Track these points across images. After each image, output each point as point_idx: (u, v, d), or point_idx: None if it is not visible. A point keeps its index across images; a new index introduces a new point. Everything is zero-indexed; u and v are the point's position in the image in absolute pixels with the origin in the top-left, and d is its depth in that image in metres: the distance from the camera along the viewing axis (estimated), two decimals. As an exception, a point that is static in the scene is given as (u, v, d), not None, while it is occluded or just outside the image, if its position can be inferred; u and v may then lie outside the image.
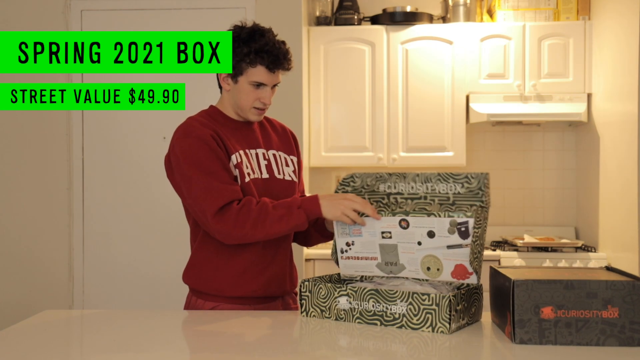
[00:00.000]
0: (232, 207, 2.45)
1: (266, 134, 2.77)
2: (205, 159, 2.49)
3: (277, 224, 2.45)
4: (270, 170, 2.68)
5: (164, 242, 4.57)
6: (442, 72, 4.91)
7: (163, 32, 2.93)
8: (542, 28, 4.89)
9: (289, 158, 2.78)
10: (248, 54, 2.55)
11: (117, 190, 4.63)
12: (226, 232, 2.45)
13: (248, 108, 2.62)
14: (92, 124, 4.62)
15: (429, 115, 4.92)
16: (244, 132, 2.68)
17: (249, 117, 2.65)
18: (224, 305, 2.59)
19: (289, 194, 2.71)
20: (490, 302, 2.29)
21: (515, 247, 4.76)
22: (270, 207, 2.46)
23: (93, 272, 4.64)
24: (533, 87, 4.85)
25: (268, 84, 2.59)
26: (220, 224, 2.45)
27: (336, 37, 4.96)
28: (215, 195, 2.45)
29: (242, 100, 2.61)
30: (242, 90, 2.61)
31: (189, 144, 2.51)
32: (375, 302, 2.23)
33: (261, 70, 2.57)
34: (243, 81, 2.59)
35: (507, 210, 5.29)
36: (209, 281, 2.61)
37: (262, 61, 2.55)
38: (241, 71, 2.58)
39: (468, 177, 2.40)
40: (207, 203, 2.45)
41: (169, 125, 2.78)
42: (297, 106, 4.56)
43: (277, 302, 2.69)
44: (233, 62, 2.58)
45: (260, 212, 2.44)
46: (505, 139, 5.33)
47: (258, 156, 2.67)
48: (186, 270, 2.68)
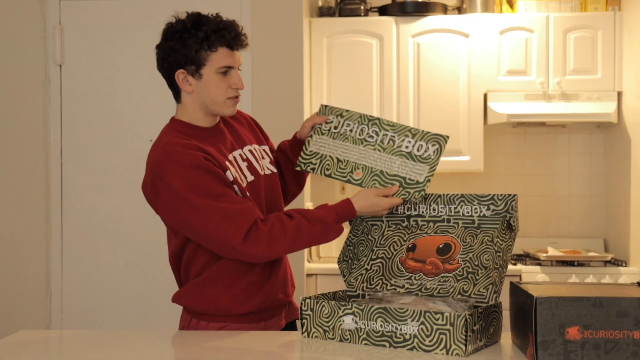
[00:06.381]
0: (259, 228, 2.50)
1: (233, 130, 2.76)
2: (209, 185, 2.49)
3: (316, 240, 2.58)
4: (253, 169, 2.70)
5: (152, 254, 4.56)
6: (457, 68, 4.91)
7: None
8: (568, 20, 4.89)
9: (261, 149, 2.81)
10: (205, 38, 2.54)
11: (100, 197, 4.63)
12: (260, 254, 2.51)
13: (222, 100, 2.61)
14: (71, 124, 4.62)
15: (442, 115, 4.92)
16: (219, 138, 2.68)
17: (225, 111, 2.63)
18: (231, 325, 2.63)
19: (275, 188, 2.77)
20: (510, 321, 2.29)
21: (538, 261, 4.75)
22: (306, 223, 2.54)
23: (73, 288, 4.63)
24: (557, 84, 4.85)
25: (235, 66, 2.60)
26: (252, 248, 2.49)
27: (340, 30, 4.97)
28: (237, 220, 2.48)
29: (212, 94, 2.60)
30: (209, 82, 2.59)
31: (186, 175, 2.49)
32: (383, 322, 2.24)
33: (224, 52, 2.57)
34: (208, 72, 2.58)
35: (529, 220, 5.29)
36: (214, 301, 2.63)
37: (222, 40, 2.55)
38: (203, 61, 2.57)
39: (494, 198, 2.45)
40: (230, 231, 2.47)
41: (156, 127, 2.78)
42: (298, 106, 4.55)
43: (282, 312, 2.75)
44: (190, 55, 2.56)
45: (297, 230, 2.52)
46: (526, 141, 5.33)
47: (237, 160, 2.68)
48: (182, 292, 2.69)
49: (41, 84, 4.59)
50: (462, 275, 2.42)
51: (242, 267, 2.62)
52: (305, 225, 2.53)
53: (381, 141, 2.73)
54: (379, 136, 2.74)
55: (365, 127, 2.78)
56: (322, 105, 2.88)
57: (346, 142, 2.78)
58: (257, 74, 4.53)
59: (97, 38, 4.61)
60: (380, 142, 2.73)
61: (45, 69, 4.60)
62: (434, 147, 2.64)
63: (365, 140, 2.75)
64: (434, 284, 2.45)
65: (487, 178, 5.24)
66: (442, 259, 2.50)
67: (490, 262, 2.40)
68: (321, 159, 2.80)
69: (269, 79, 4.55)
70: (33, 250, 4.64)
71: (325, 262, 4.83)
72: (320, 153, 2.81)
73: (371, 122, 2.78)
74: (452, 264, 2.47)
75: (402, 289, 2.49)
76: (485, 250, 2.43)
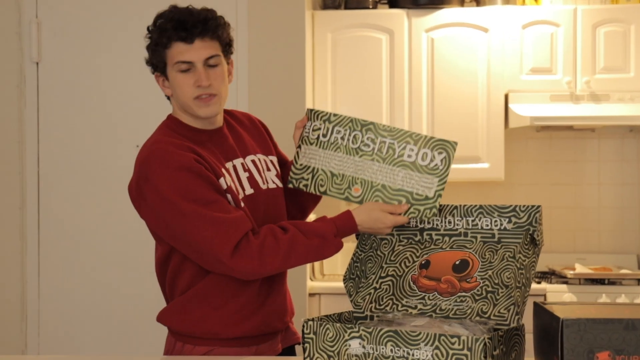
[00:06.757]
0: (250, 241, 2.49)
1: (237, 135, 2.77)
2: (199, 190, 2.50)
3: (312, 255, 2.57)
4: (254, 182, 2.70)
5: (139, 272, 4.54)
6: (475, 66, 4.93)
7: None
8: (598, 13, 4.90)
9: (268, 160, 2.81)
10: (160, 35, 2.56)
11: (82, 209, 4.61)
12: (250, 270, 2.50)
13: (190, 101, 2.59)
14: (50, 128, 4.59)
15: (459, 118, 4.93)
16: (218, 142, 2.69)
17: (198, 113, 2.61)
18: (219, 350, 2.62)
19: (278, 204, 2.76)
20: (534, 346, 2.30)
21: (565, 278, 4.75)
22: (301, 237, 2.53)
23: (51, 310, 4.61)
24: (586, 84, 4.86)
25: (195, 61, 2.57)
26: (241, 262, 2.48)
27: (347, 24, 4.98)
28: (226, 230, 2.47)
29: (179, 95, 2.61)
30: (173, 83, 2.61)
31: (174, 177, 2.50)
32: (394, 346, 2.24)
33: (178, 47, 2.56)
34: (170, 71, 2.60)
35: (555, 234, 5.29)
36: (201, 322, 2.63)
37: (174, 34, 2.55)
38: (164, 60, 2.59)
39: (516, 210, 2.45)
40: (217, 242, 2.47)
41: (144, 131, 2.79)
42: (299, 108, 4.54)
43: (278, 336, 2.74)
44: (153, 56, 2.61)
45: (291, 244, 2.51)
46: (552, 147, 5.34)
47: (237, 169, 2.68)
48: (166, 311, 2.69)
49: (16, 84, 4.57)
50: (481, 294, 2.42)
51: (233, 286, 2.60)
52: (300, 239, 2.52)
53: (379, 150, 2.66)
54: (376, 144, 2.67)
55: (358, 134, 2.71)
56: (308, 109, 2.81)
57: (338, 152, 2.71)
58: (255, 74, 4.52)
59: (77, 33, 4.59)
60: (379, 151, 2.66)
61: (20, 68, 4.58)
62: (441, 156, 2.58)
63: (361, 150, 2.68)
64: (449, 304, 2.46)
65: (508, 188, 5.24)
66: (459, 277, 2.50)
67: (512, 280, 2.41)
68: (313, 174, 2.74)
69: (268, 79, 4.54)
70: (6, 269, 4.62)
71: (330, 280, 4.83)
72: (311, 166, 2.75)
73: (365, 128, 2.70)
74: (470, 283, 2.47)
75: (414, 310, 2.49)
76: (507, 267, 2.44)
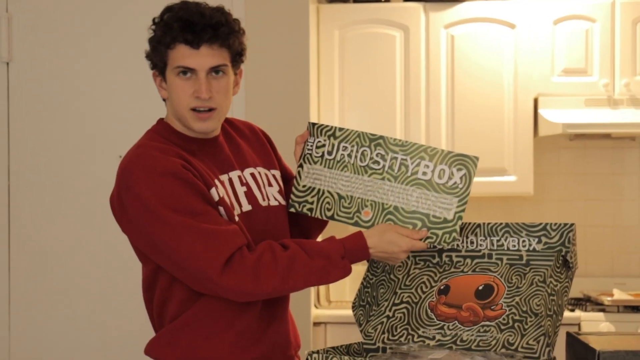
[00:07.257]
0: (244, 257, 2.47)
1: (235, 146, 2.76)
2: (186, 199, 2.48)
3: (315, 277, 2.53)
4: (253, 198, 2.69)
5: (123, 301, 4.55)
6: (501, 66, 4.93)
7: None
8: (638, 6, 4.90)
9: (270, 174, 2.80)
10: (164, 32, 2.54)
11: (57, 230, 4.61)
12: (242, 289, 2.47)
13: (186, 111, 2.57)
14: (21, 137, 4.61)
15: (482, 125, 4.93)
16: (211, 152, 2.67)
17: (192, 126, 2.59)
18: None
19: (279, 224, 2.74)
20: (567, 382, 2.28)
21: (602, 306, 4.75)
22: (304, 256, 2.51)
23: (23, 327, 4.61)
24: (625, 87, 4.86)
25: (198, 69, 2.54)
26: (233, 280, 2.45)
27: (356, 19, 4.99)
28: (216, 244, 2.45)
29: (175, 102, 2.59)
30: (170, 87, 2.60)
31: (158, 184, 2.48)
32: (408, 382, 2.23)
33: (182, 50, 2.54)
34: (169, 73, 2.58)
35: (591, 256, 5.28)
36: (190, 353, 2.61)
37: (177, 34, 2.52)
38: (164, 59, 2.58)
39: (547, 228, 2.45)
40: (206, 257, 2.45)
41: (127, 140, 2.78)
42: (303, 113, 4.56)
43: None
44: (153, 53, 2.60)
45: (291, 263, 2.49)
46: (587, 158, 5.33)
47: (233, 182, 2.67)
48: (155, 341, 2.67)
49: (-17, 85, 4.60)
50: (507, 324, 2.41)
51: (230, 312, 2.58)
52: (302, 258, 2.49)
53: (390, 167, 2.64)
54: (387, 161, 2.65)
55: (366, 150, 2.68)
56: (310, 123, 2.79)
57: (346, 172, 2.70)
58: (252, 76, 4.50)
59: (52, 30, 4.60)
60: (390, 169, 2.64)
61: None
62: (460, 173, 2.55)
63: (370, 168, 2.67)
64: (471, 334, 2.45)
65: (538, 203, 5.24)
66: (482, 304, 2.50)
67: (542, 307, 2.40)
68: (319, 197, 2.74)
69: (267, 82, 4.54)
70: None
71: (337, 307, 4.83)
72: (317, 188, 2.74)
73: (374, 143, 2.67)
74: (495, 310, 2.47)
75: (432, 341, 2.48)
76: (536, 293, 2.43)
